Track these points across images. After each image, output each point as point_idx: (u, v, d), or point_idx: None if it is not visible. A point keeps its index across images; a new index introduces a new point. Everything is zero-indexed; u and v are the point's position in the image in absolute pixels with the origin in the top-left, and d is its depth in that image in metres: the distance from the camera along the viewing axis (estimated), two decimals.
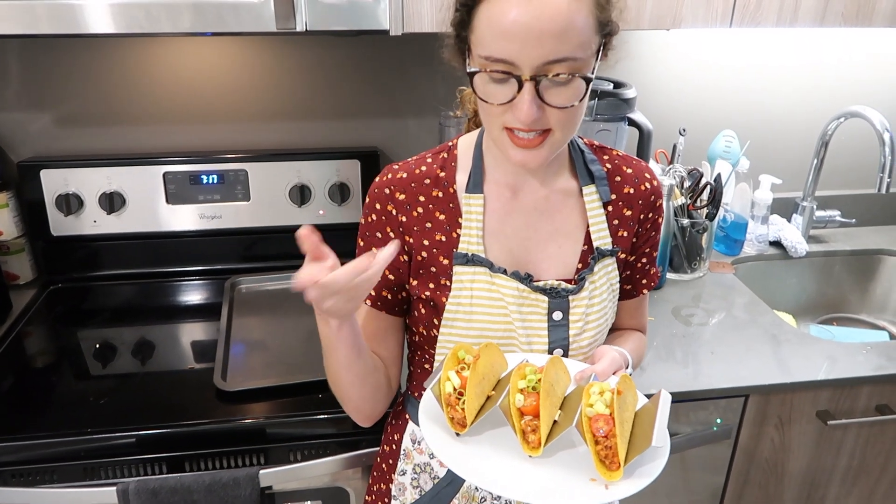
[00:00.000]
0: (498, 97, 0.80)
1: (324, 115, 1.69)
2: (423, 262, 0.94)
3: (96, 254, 1.63)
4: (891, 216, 1.98)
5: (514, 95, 0.79)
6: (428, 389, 0.83)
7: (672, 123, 1.73)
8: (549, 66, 0.77)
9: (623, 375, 0.83)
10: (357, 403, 0.97)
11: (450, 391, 0.81)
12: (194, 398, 1.23)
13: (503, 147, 0.85)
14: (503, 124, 0.82)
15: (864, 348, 1.39)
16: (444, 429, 0.83)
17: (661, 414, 0.78)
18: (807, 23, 1.37)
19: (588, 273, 0.95)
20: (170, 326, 1.50)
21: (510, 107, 0.80)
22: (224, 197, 1.63)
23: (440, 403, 0.82)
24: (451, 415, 0.81)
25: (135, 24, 1.15)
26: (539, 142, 0.83)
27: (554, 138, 0.83)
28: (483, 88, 0.81)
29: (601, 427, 0.75)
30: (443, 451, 0.80)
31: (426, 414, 0.85)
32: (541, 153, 0.84)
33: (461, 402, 0.80)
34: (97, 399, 1.22)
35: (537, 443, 0.77)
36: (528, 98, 0.78)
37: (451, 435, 0.83)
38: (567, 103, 0.80)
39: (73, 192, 1.56)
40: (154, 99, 1.62)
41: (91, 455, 1.13)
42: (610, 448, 0.75)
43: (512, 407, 0.79)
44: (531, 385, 0.80)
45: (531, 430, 0.78)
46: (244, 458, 1.17)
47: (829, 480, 1.45)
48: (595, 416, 0.77)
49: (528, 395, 0.79)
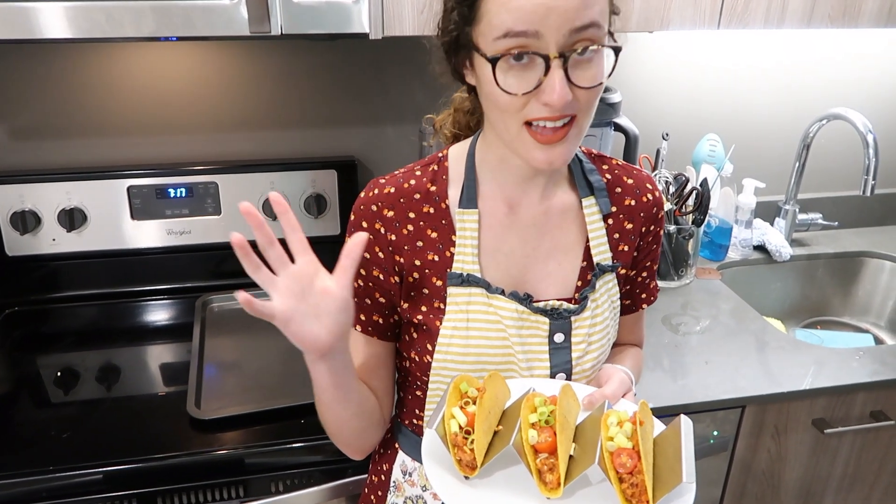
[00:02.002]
0: (521, 86, 0.73)
1: (298, 124, 1.62)
2: (414, 283, 0.88)
3: (56, 274, 1.54)
4: (872, 218, 1.98)
5: (540, 80, 0.72)
6: (431, 430, 0.76)
7: (655, 128, 1.70)
8: (575, 34, 0.71)
9: (642, 402, 0.78)
10: (347, 440, 0.91)
11: (455, 430, 0.74)
12: (166, 427, 1.16)
13: (524, 149, 0.78)
14: (525, 118, 0.76)
15: (857, 354, 1.37)
16: (451, 472, 0.76)
17: (687, 445, 0.72)
18: (794, 24, 1.35)
19: (590, 291, 0.90)
20: (137, 349, 1.42)
21: (534, 95, 0.74)
22: (193, 211, 1.55)
23: (446, 445, 0.75)
24: (459, 456, 0.74)
25: (95, 29, 1.07)
26: (564, 134, 0.76)
27: (578, 127, 0.77)
28: (504, 78, 0.74)
29: (625, 462, 0.69)
30: (454, 498, 0.73)
31: (430, 456, 0.78)
32: (566, 147, 0.77)
33: (469, 441, 0.73)
34: (59, 432, 1.15)
35: (556, 483, 0.71)
36: (559, 77, 0.72)
37: (459, 479, 0.76)
38: (594, 81, 0.74)
39: (30, 208, 1.47)
40: (117, 108, 1.53)
41: (54, 494, 1.06)
42: (636, 486, 0.69)
43: (525, 444, 0.73)
44: (543, 419, 0.74)
45: (548, 469, 0.71)
46: (222, 491, 1.11)
47: (825, 489, 1.43)
48: (617, 450, 0.71)
49: (542, 431, 0.73)
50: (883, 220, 1.99)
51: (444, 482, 0.75)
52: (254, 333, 1.44)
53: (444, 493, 0.74)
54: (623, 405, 0.84)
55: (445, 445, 0.75)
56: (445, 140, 0.97)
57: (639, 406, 0.77)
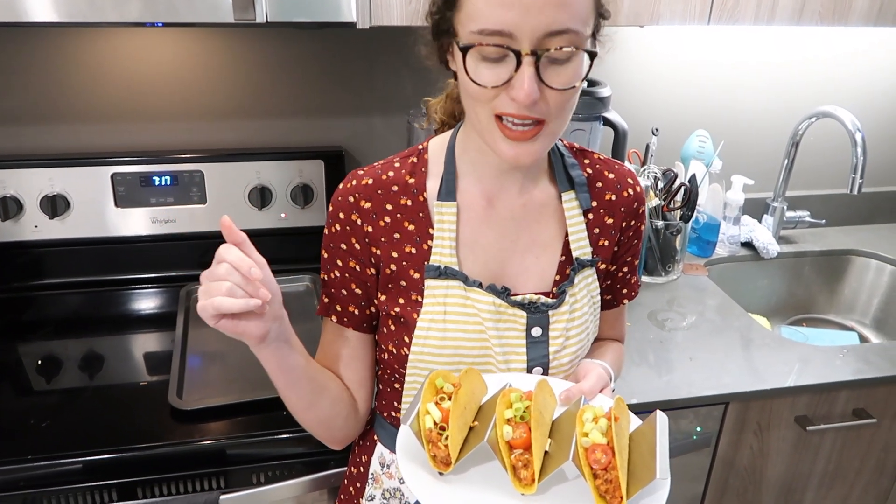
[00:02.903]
0: (492, 79, 0.73)
1: (285, 113, 1.61)
2: (391, 275, 0.87)
3: (38, 261, 1.52)
4: (859, 216, 1.99)
5: (511, 75, 0.72)
6: (406, 426, 0.76)
7: (644, 123, 1.70)
8: (549, 38, 0.70)
9: (617, 398, 0.78)
10: (316, 430, 0.92)
11: (430, 426, 0.73)
12: (147, 418, 1.15)
13: (492, 140, 0.78)
14: (494, 110, 0.75)
15: (841, 352, 1.37)
16: (425, 469, 0.75)
17: (661, 441, 0.72)
18: (784, 20, 1.34)
19: (568, 286, 0.89)
20: (120, 338, 1.41)
21: (504, 89, 0.73)
22: (178, 199, 1.53)
23: (420, 441, 0.74)
24: (434, 452, 0.73)
25: (77, 13, 1.05)
26: (533, 134, 0.75)
27: (549, 129, 0.76)
28: (475, 68, 0.73)
29: (599, 458, 0.69)
30: (427, 495, 0.73)
31: (405, 453, 0.77)
32: (534, 147, 0.77)
33: (444, 437, 0.72)
34: (39, 421, 1.13)
35: (530, 479, 0.71)
36: (528, 74, 0.71)
37: (433, 475, 0.75)
38: (567, 84, 0.73)
39: (12, 194, 1.45)
40: (101, 94, 1.51)
41: (32, 484, 1.04)
42: (610, 482, 0.69)
43: (500, 440, 0.72)
44: (519, 414, 0.74)
45: (522, 465, 0.71)
46: (202, 482, 1.10)
47: (806, 486, 1.44)
48: (591, 446, 0.70)
49: (517, 427, 0.73)
50: (870, 219, 1.99)
51: (418, 478, 0.75)
52: None
53: (418, 490, 0.73)
54: (600, 400, 0.84)
55: (420, 441, 0.74)
56: (435, 124, 0.96)
57: (614, 402, 0.77)
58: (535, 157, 0.78)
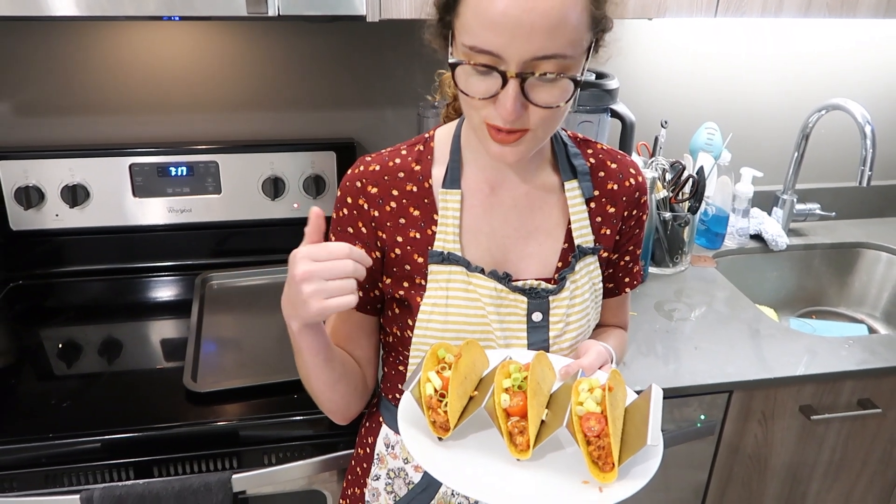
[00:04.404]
0: (480, 91, 0.76)
1: (298, 105, 1.64)
2: (396, 259, 0.90)
3: (59, 249, 1.57)
4: (869, 209, 1.98)
5: (498, 91, 0.74)
6: (407, 392, 0.79)
7: (653, 115, 1.71)
8: (536, 62, 0.72)
9: (613, 371, 0.80)
10: (329, 405, 0.94)
11: (431, 393, 0.76)
12: (163, 400, 1.18)
13: (482, 138, 0.81)
14: (484, 119, 0.78)
15: (847, 342, 1.38)
16: (425, 433, 0.79)
17: (655, 410, 0.75)
18: (791, 13, 1.35)
19: (569, 272, 0.91)
20: (137, 325, 1.44)
21: (492, 101, 0.76)
22: (194, 190, 1.57)
23: (420, 406, 0.77)
24: (433, 418, 0.76)
25: (97, 7, 1.09)
26: (517, 137, 0.79)
27: (533, 136, 0.80)
28: (465, 81, 0.77)
29: (593, 426, 0.72)
30: (425, 457, 0.76)
31: (405, 418, 0.80)
32: (519, 149, 0.80)
33: (443, 404, 0.75)
34: (60, 402, 1.17)
35: (525, 445, 0.74)
36: (512, 95, 0.73)
37: (433, 440, 0.78)
38: (552, 103, 0.76)
39: (34, 184, 1.49)
40: (119, 87, 1.55)
41: (53, 461, 1.08)
42: (603, 448, 0.71)
43: (497, 408, 0.75)
44: (517, 384, 0.76)
45: (518, 432, 0.74)
46: (216, 462, 1.13)
47: (811, 475, 1.45)
48: (586, 414, 0.73)
49: (514, 395, 0.76)
50: (881, 212, 1.99)
51: (417, 442, 0.77)
52: (251, 311, 1.47)
53: (417, 453, 0.76)
54: (598, 376, 0.86)
55: (420, 407, 0.77)
56: (447, 98, 0.98)
57: (610, 374, 0.80)
58: (519, 157, 0.81)
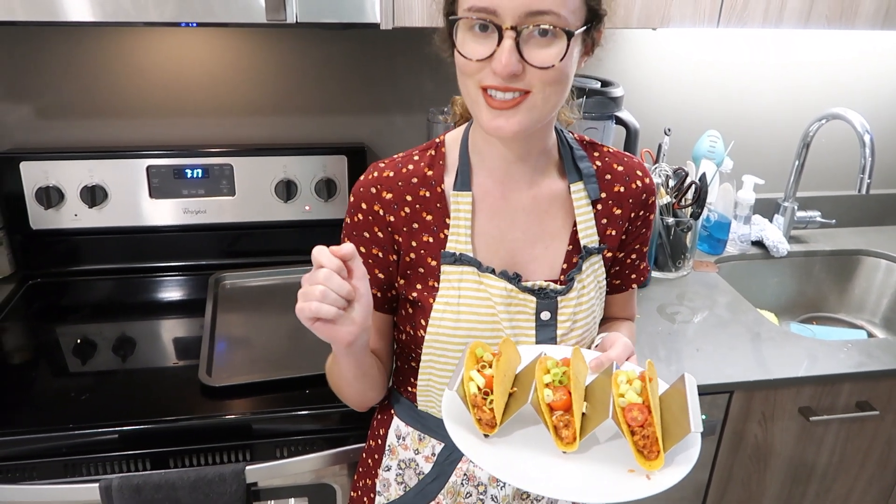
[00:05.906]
0: (477, 52, 0.78)
1: (311, 110, 1.68)
2: (411, 262, 0.93)
3: (77, 248, 1.60)
4: (869, 217, 2.01)
5: (494, 50, 0.77)
6: (452, 391, 0.80)
7: (657, 123, 1.75)
8: (531, 16, 0.75)
9: (648, 362, 0.83)
10: (352, 400, 0.99)
11: (475, 392, 0.79)
12: (178, 394, 1.21)
13: (478, 111, 0.82)
14: (480, 82, 0.80)
15: (845, 346, 1.41)
16: (472, 431, 0.80)
17: (692, 398, 0.77)
18: (792, 23, 1.38)
19: (577, 273, 0.94)
20: (152, 322, 1.48)
21: (488, 62, 0.78)
22: (209, 192, 1.61)
23: (466, 405, 0.79)
24: (479, 416, 0.78)
25: (118, 13, 1.12)
26: (515, 103, 0.80)
27: (532, 101, 0.80)
28: (462, 41, 0.79)
29: (636, 416, 0.74)
30: (477, 455, 0.77)
31: (451, 417, 0.82)
32: (516, 118, 0.80)
33: (488, 402, 0.78)
34: (78, 395, 1.20)
35: (571, 438, 0.76)
36: (508, 47, 0.76)
37: (479, 437, 0.80)
38: (547, 63, 0.77)
39: (54, 184, 1.54)
40: (138, 91, 1.59)
41: (72, 451, 1.11)
42: (647, 437, 0.74)
43: (542, 403, 0.77)
44: (557, 379, 0.79)
45: (563, 426, 0.76)
46: (229, 454, 1.16)
47: (811, 476, 1.47)
48: (628, 405, 0.76)
49: (556, 390, 0.78)
50: (880, 220, 2.02)
51: (466, 440, 0.79)
52: (263, 310, 1.50)
53: (468, 451, 0.77)
54: (628, 367, 0.89)
55: (465, 406, 0.79)
56: (455, 117, 1.02)
57: (646, 365, 0.83)
58: (516, 128, 0.80)
